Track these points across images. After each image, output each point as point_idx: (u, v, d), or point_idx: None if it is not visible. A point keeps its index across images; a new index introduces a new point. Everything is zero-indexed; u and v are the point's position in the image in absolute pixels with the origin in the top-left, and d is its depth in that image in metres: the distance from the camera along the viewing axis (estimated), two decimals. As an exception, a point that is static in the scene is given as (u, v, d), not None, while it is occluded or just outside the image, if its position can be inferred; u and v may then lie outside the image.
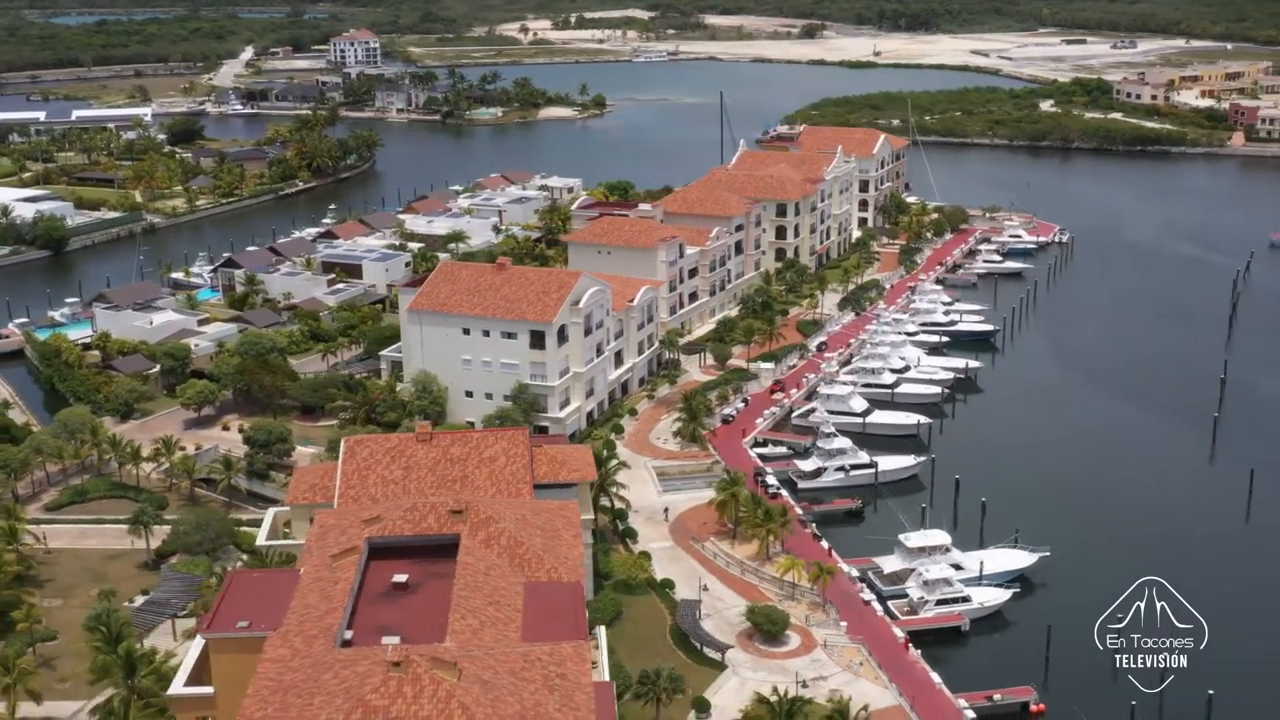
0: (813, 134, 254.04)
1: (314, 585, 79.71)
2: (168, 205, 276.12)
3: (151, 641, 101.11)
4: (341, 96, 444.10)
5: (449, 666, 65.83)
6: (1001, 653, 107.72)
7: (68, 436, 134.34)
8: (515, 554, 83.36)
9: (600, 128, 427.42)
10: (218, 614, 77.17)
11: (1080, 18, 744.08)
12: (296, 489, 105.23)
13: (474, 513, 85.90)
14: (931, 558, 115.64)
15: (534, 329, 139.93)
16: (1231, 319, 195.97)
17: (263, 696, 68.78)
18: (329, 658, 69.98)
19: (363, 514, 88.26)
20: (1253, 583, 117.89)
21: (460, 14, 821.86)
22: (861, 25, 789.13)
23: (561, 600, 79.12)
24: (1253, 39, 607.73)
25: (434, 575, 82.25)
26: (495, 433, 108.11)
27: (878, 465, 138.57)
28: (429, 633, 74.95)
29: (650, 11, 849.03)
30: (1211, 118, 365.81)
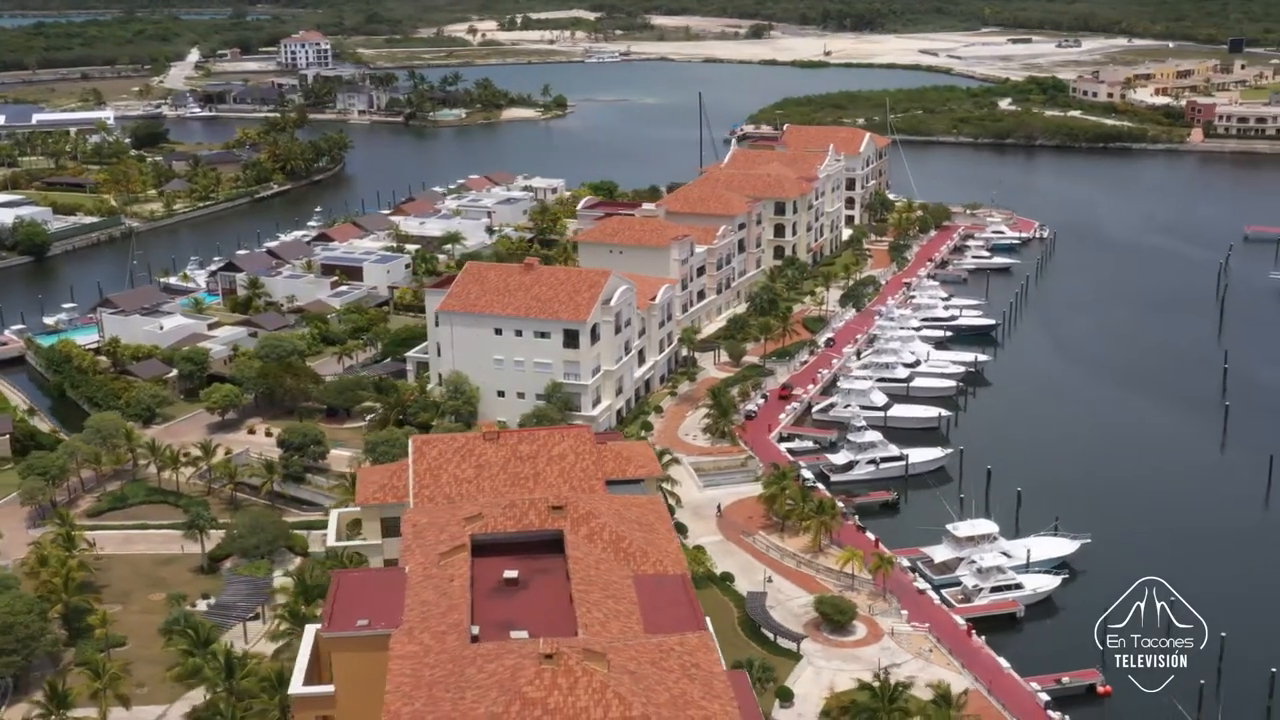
0: (797, 133, 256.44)
1: (426, 583, 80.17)
2: (144, 209, 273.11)
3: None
4: (301, 99, 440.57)
5: (600, 658, 66.85)
6: (1057, 637, 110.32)
7: (100, 442, 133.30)
8: (619, 548, 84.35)
9: (564, 128, 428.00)
10: (335, 613, 77.39)
11: (1022, 17, 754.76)
12: (365, 489, 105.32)
13: (574, 508, 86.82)
14: (980, 547, 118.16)
15: (568, 328, 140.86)
16: (1221, 309, 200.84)
17: (404, 692, 69.35)
18: (466, 653, 70.57)
19: (461, 511, 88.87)
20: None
21: (405, 15, 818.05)
22: (806, 25, 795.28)
23: (673, 592, 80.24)
24: (1193, 38, 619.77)
25: (540, 571, 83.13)
26: (561, 430, 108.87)
27: (908, 458, 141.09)
28: (554, 627, 75.77)
29: (595, 12, 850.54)
30: (1169, 114, 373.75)
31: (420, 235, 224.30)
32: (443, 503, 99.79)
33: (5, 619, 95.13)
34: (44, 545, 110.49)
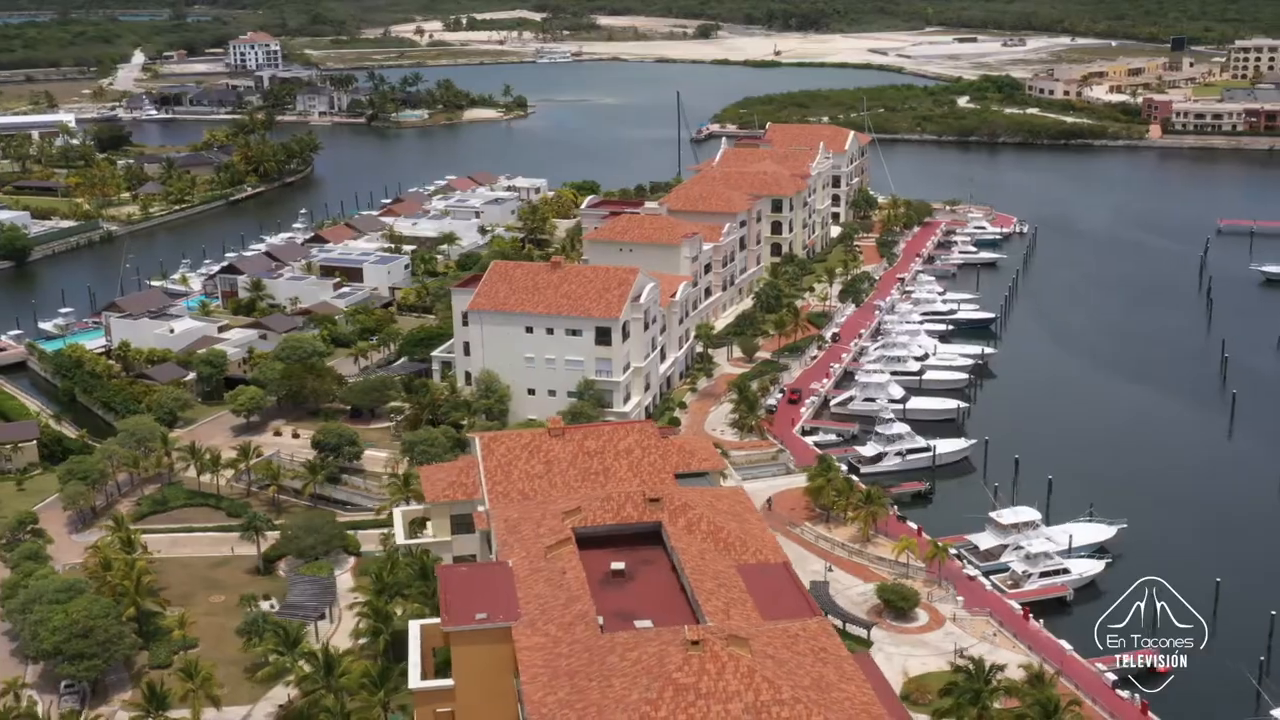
0: (780, 131, 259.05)
1: (535, 576, 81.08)
2: (121, 213, 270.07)
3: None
4: (260, 100, 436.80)
5: (744, 643, 68.33)
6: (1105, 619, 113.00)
7: (135, 445, 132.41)
8: (718, 538, 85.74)
9: (527, 129, 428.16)
10: (452, 608, 78.02)
11: (964, 17, 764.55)
12: (434, 488, 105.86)
13: (670, 500, 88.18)
14: (1023, 533, 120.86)
15: (600, 325, 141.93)
16: (1209, 300, 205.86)
17: (543, 682, 70.43)
18: (601, 642, 71.64)
19: (556, 505, 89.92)
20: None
21: (348, 16, 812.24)
22: (751, 25, 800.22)
23: (778, 580, 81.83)
24: (1135, 36, 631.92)
25: (643, 562, 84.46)
26: (625, 425, 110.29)
27: (935, 449, 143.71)
28: (674, 616, 77.16)
29: (537, 12, 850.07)
30: (1126, 111, 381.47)
31: (414, 236, 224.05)
32: (516, 499, 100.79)
33: (85, 623, 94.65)
34: (103, 549, 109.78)
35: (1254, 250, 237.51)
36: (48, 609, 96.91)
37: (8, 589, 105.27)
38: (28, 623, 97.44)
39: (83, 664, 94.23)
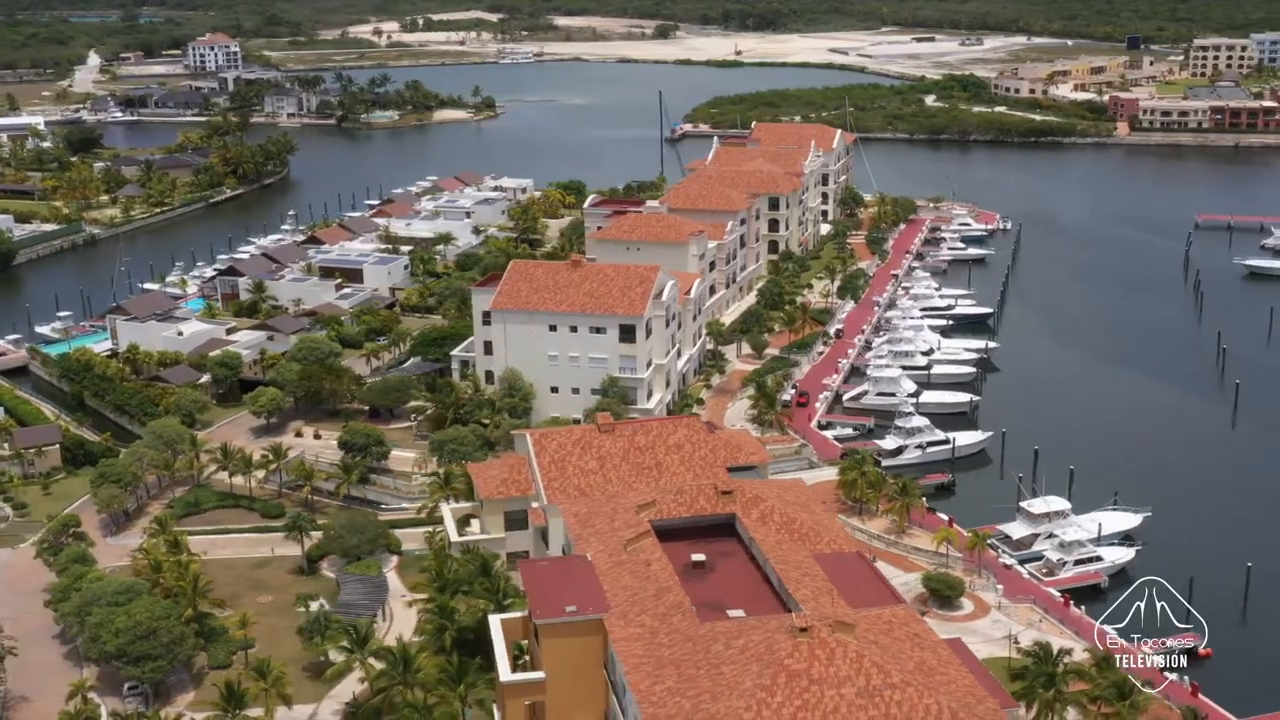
0: (767, 130, 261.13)
1: (618, 569, 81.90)
2: (102, 216, 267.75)
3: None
4: (227, 102, 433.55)
5: (850, 629, 69.72)
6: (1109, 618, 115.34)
7: (163, 448, 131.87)
8: (791, 529, 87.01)
9: (498, 129, 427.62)
10: (540, 601, 78.74)
11: (919, 16, 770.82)
12: (487, 485, 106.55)
13: (742, 493, 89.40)
14: (1054, 523, 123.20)
15: (624, 323, 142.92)
16: (1198, 293, 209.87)
17: (648, 671, 71.37)
18: (702, 631, 72.69)
19: (627, 499, 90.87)
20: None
21: (303, 17, 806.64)
22: (708, 25, 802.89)
23: (857, 569, 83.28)
24: (1090, 36, 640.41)
25: (720, 554, 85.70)
26: (673, 420, 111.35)
27: (955, 441, 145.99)
28: (764, 605, 78.43)
29: (493, 13, 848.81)
30: (1092, 109, 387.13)
31: (409, 236, 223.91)
32: (574, 494, 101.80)
33: (149, 624, 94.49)
34: (150, 550, 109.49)
35: (1233, 244, 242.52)
36: (107, 611, 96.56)
37: (59, 592, 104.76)
38: (88, 625, 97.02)
39: (148, 665, 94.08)
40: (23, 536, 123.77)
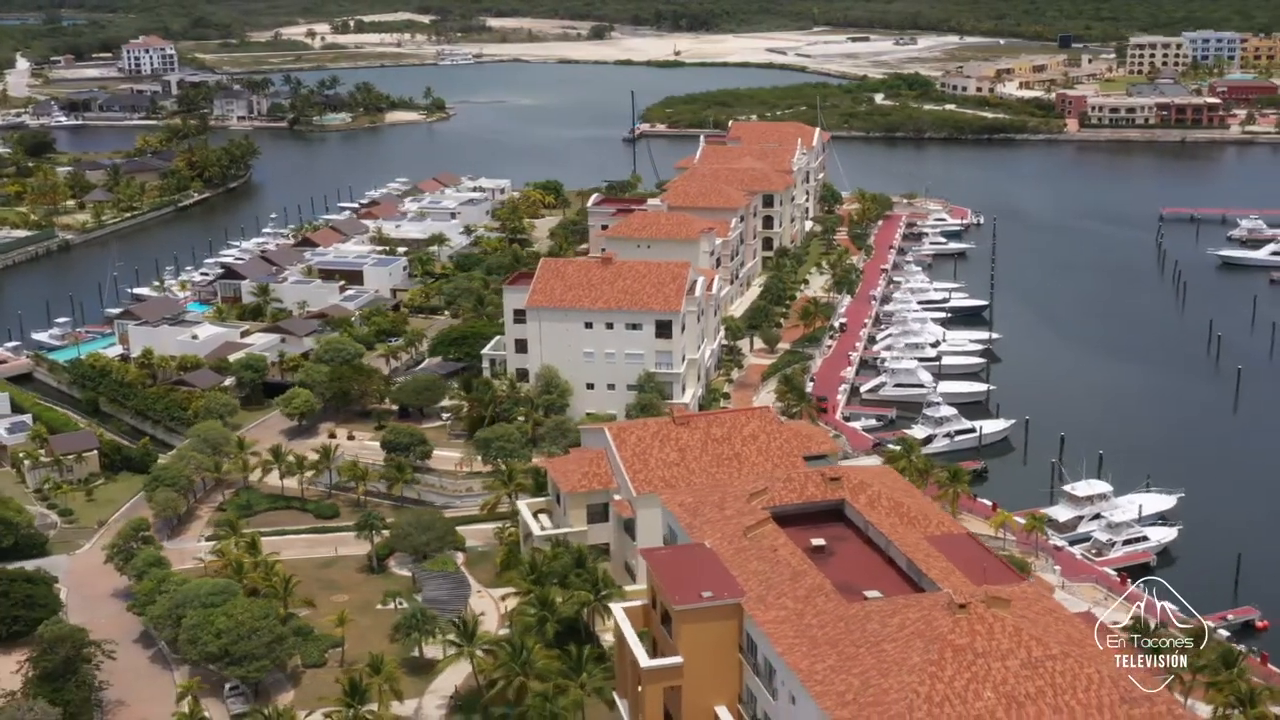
0: (745, 129, 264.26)
1: (744, 555, 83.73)
2: (74, 221, 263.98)
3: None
4: (174, 105, 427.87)
5: (1004, 604, 72.18)
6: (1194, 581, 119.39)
7: (210, 451, 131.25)
8: (900, 513, 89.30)
9: (451, 130, 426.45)
10: (677, 589, 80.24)
11: (850, 16, 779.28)
12: (568, 479, 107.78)
13: (848, 479, 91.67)
14: (1096, 505, 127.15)
15: (660, 318, 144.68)
16: (1179, 284, 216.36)
17: (805, 651, 73.33)
18: (854, 611, 74.75)
19: (736, 487, 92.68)
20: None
21: (230, 19, 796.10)
22: (640, 26, 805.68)
23: (972, 549, 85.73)
24: (1021, 35, 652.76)
25: (835, 538, 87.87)
26: (746, 412, 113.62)
27: (982, 429, 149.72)
28: (892, 585, 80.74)
29: (421, 15, 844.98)
30: (1041, 106, 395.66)
31: (401, 238, 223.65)
32: (660, 485, 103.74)
33: (250, 624, 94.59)
34: (227, 551, 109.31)
35: (1199, 235, 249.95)
36: (203, 613, 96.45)
37: (143, 596, 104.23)
38: (184, 627, 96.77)
39: (252, 665, 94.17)
40: (77, 543, 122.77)
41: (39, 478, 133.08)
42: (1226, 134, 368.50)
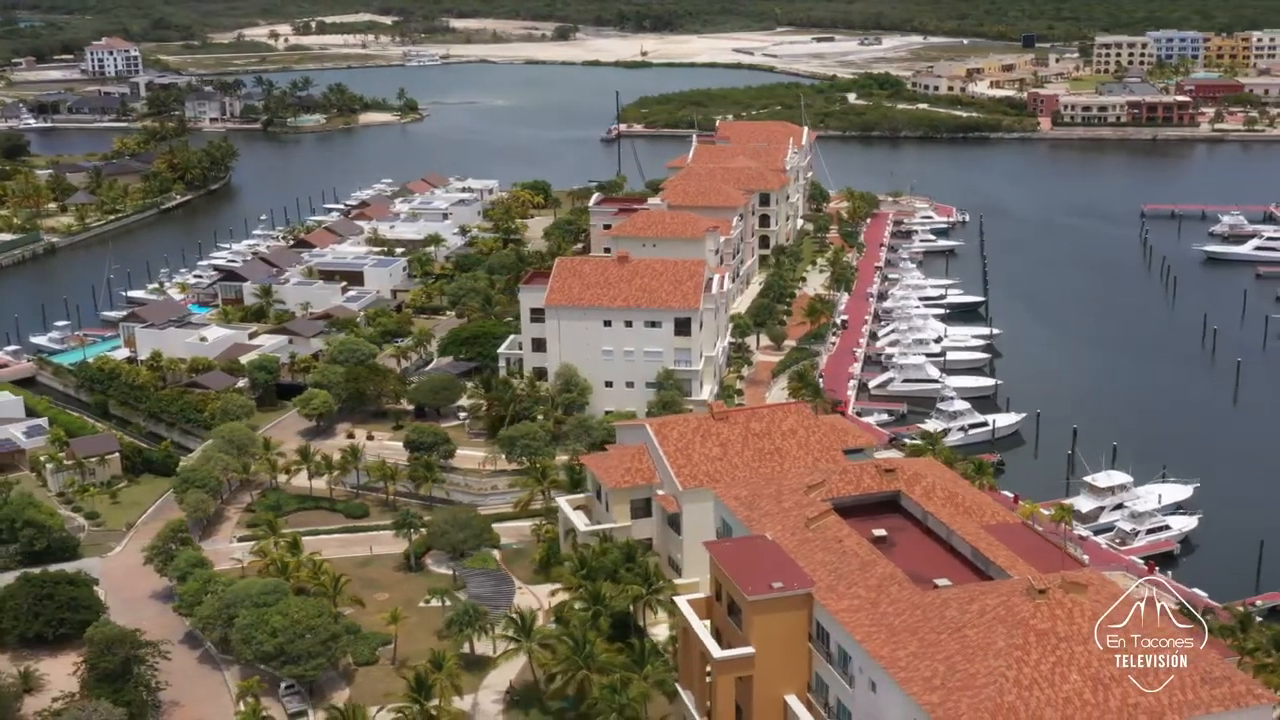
0: (731, 129, 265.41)
1: (807, 546, 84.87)
2: (60, 224, 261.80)
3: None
4: (145, 107, 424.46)
5: (1081, 589, 73.77)
6: (1217, 567, 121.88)
7: (236, 452, 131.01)
8: (955, 503, 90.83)
9: (426, 131, 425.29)
10: (748, 580, 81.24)
11: (813, 16, 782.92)
12: (611, 475, 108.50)
13: (902, 470, 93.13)
14: (1117, 495, 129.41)
15: (679, 316, 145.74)
16: (1168, 279, 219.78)
17: (883, 638, 74.63)
18: (930, 599, 76.14)
19: (792, 480, 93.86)
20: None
21: (190, 21, 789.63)
22: (603, 26, 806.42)
23: (1029, 538, 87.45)
24: (984, 34, 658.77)
25: (894, 528, 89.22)
26: (783, 407, 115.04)
27: (995, 423, 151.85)
28: (958, 573, 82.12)
29: (381, 15, 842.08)
30: (1013, 105, 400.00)
31: (396, 239, 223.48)
32: (704, 480, 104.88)
33: (307, 623, 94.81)
34: (268, 551, 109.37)
35: (1182, 231, 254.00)
36: (256, 613, 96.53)
37: (189, 596, 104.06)
38: (237, 627, 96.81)
39: (309, 664, 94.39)
40: (107, 545, 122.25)
41: (62, 481, 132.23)
42: (1197, 132, 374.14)
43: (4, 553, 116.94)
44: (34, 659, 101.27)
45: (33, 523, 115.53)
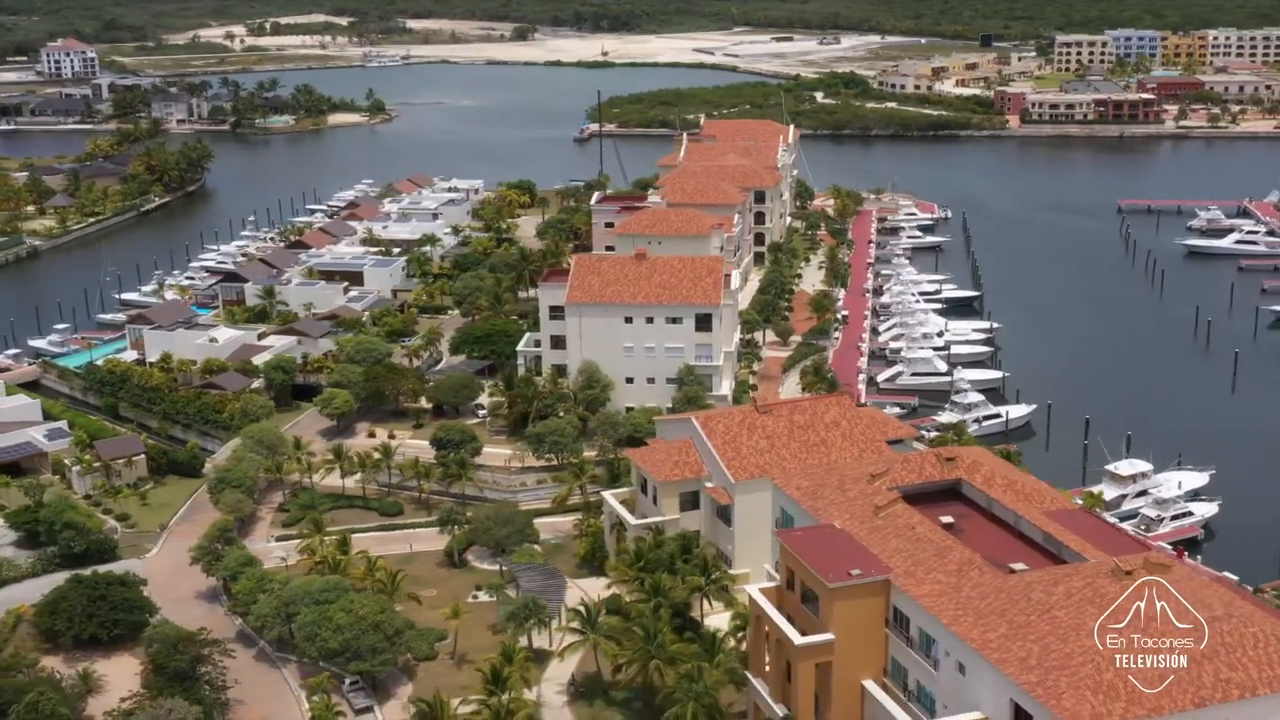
0: (716, 127, 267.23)
1: (879, 534, 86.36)
2: (42, 227, 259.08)
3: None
4: (111, 109, 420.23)
5: (1165, 569, 75.68)
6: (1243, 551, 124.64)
7: (267, 453, 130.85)
8: (1014, 490, 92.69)
9: (395, 132, 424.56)
10: (827, 567, 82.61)
11: (769, 16, 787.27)
12: (661, 469, 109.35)
13: (961, 459, 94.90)
14: (1139, 483, 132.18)
15: (700, 312, 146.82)
16: (1154, 272, 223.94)
17: (971, 621, 76.22)
18: (1013, 583, 77.85)
19: (853, 470, 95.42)
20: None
21: (142, 21, 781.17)
22: (559, 26, 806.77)
23: (1092, 522, 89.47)
24: (941, 34, 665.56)
25: (959, 516, 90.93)
26: (824, 400, 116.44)
27: (1008, 414, 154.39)
28: (1032, 557, 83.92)
29: (335, 16, 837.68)
30: (980, 104, 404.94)
31: (391, 239, 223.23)
32: (755, 471, 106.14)
33: (373, 618, 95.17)
34: (318, 549, 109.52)
35: (1159, 226, 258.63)
36: (318, 610, 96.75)
37: (244, 595, 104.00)
38: (300, 624, 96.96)
39: (376, 659, 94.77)
40: (144, 547, 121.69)
41: (89, 484, 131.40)
42: (1162, 129, 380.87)
43: (43, 555, 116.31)
44: (88, 660, 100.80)
45: (72, 525, 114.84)
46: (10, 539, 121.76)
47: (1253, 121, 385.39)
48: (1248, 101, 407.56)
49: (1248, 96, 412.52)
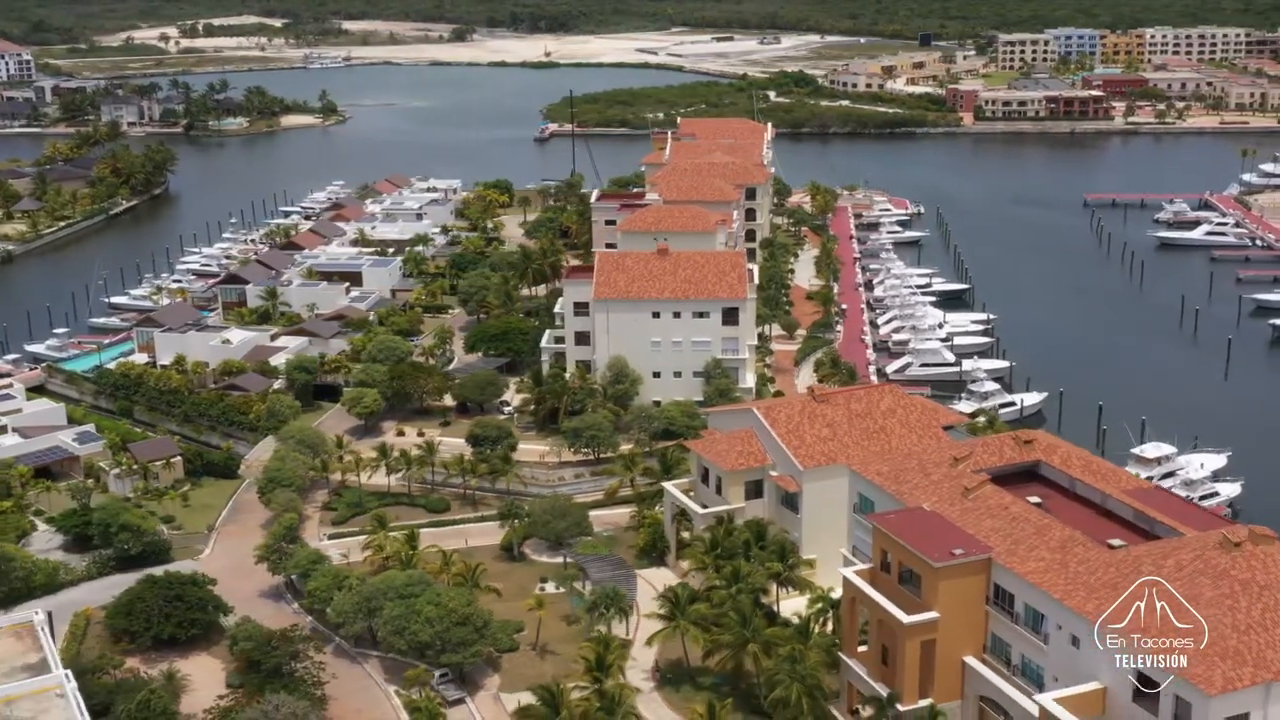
0: (694, 125, 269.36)
1: (973, 514, 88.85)
2: (14, 231, 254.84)
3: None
4: (59, 112, 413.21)
5: (1270, 540, 78.92)
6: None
7: (309, 452, 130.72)
8: (1090, 470, 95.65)
9: (349, 133, 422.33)
10: (930, 547, 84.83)
11: (706, 16, 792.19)
12: (728, 458, 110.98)
13: (1039, 442, 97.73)
14: (1164, 466, 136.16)
15: (727, 306, 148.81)
16: (1133, 263, 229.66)
17: (1082, 596, 78.81)
18: (1119, 558, 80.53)
19: (934, 453, 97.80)
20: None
21: (70, 23, 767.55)
22: (495, 27, 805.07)
23: (1168, 499, 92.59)
24: (880, 33, 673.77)
25: (1043, 496, 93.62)
26: (878, 388, 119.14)
27: (1022, 402, 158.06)
28: (1126, 534, 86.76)
29: (266, 17, 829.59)
30: (933, 101, 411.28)
31: (382, 239, 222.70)
32: (820, 459, 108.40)
33: (462, 611, 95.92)
34: (385, 545, 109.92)
35: (1127, 219, 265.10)
36: (405, 604, 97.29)
37: (321, 593, 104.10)
38: (386, 619, 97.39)
39: (467, 651, 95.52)
40: (194, 548, 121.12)
41: (128, 487, 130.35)
42: (1112, 125, 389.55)
43: (98, 558, 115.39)
44: (165, 660, 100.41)
45: (128, 527, 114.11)
46: (57, 543, 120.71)
47: (1198, 117, 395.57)
48: (1190, 98, 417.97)
49: (1190, 93, 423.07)
